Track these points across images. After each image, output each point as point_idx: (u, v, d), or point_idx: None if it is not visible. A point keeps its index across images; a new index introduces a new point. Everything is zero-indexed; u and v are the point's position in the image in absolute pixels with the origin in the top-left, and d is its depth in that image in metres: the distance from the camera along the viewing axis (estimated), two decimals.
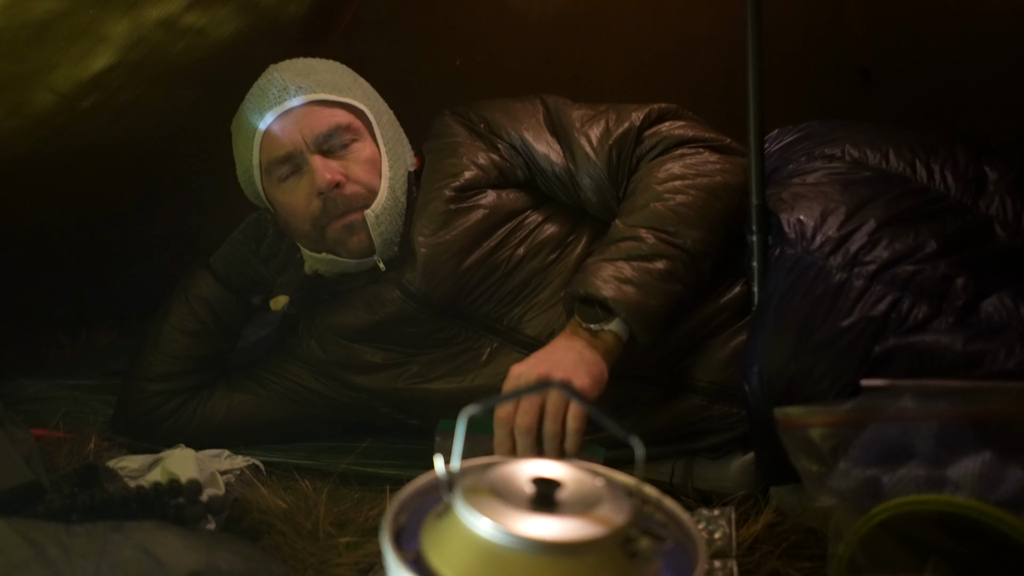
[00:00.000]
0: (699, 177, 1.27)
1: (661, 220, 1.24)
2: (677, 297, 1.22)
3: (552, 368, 1.13)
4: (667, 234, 1.23)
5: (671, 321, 1.23)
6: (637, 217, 1.26)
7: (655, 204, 1.25)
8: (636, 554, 0.69)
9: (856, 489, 0.93)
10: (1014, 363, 0.99)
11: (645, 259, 1.21)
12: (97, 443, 1.41)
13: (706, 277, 1.27)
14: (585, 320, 1.19)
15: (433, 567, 0.68)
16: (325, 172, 1.32)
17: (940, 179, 1.26)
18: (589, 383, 1.13)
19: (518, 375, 1.14)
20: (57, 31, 1.15)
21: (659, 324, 1.20)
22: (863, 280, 1.12)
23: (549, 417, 1.11)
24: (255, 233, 1.47)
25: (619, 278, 1.19)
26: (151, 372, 1.46)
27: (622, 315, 1.18)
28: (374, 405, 1.46)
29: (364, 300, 1.40)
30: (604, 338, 1.18)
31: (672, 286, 1.21)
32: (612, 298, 1.18)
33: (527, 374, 1.14)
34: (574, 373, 1.12)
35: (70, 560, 0.93)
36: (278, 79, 1.37)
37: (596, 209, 1.37)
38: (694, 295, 1.26)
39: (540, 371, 1.13)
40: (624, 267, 1.20)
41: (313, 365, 1.48)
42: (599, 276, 1.20)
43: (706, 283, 1.28)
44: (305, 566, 1.12)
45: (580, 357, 1.14)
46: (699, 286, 1.26)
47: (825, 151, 1.35)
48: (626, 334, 1.20)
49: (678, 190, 1.26)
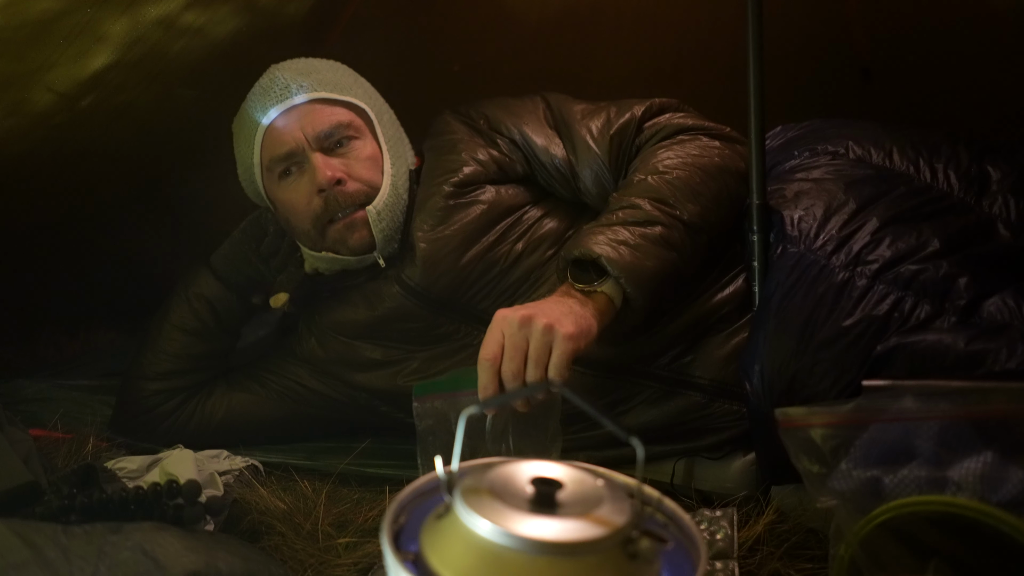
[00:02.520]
0: (698, 158, 1.27)
1: (658, 191, 1.22)
2: (672, 264, 1.19)
3: (538, 313, 1.09)
4: (664, 204, 1.21)
5: (665, 289, 1.20)
6: (634, 189, 1.24)
7: (652, 177, 1.25)
8: (637, 555, 0.69)
9: (857, 490, 0.93)
10: (1016, 363, 0.99)
11: (641, 224, 1.19)
12: (95, 444, 1.41)
13: (701, 253, 1.25)
14: (578, 281, 1.16)
15: (433, 568, 0.68)
16: (326, 169, 1.33)
17: (943, 178, 1.26)
18: (574, 331, 1.08)
19: (503, 317, 1.10)
20: (55, 30, 1.15)
21: (653, 287, 1.17)
22: (866, 279, 1.12)
23: (532, 362, 1.07)
24: (255, 232, 1.47)
25: (614, 240, 1.17)
26: (150, 371, 1.46)
27: (615, 273, 1.15)
28: (374, 404, 1.46)
29: (364, 297, 1.41)
30: (596, 300, 1.15)
31: (668, 252, 1.19)
32: (606, 256, 1.15)
33: (511, 316, 1.09)
34: (559, 320, 1.08)
35: (68, 561, 0.92)
36: (280, 78, 1.37)
37: (596, 201, 1.37)
38: (689, 267, 1.24)
39: (524, 313, 1.09)
40: (620, 231, 1.18)
41: (313, 364, 1.48)
42: (593, 239, 1.17)
43: (701, 258, 1.26)
44: (304, 567, 1.11)
45: (569, 309, 1.11)
46: (694, 259, 1.24)
47: (828, 147, 1.35)
48: (619, 297, 1.16)
49: (676, 167, 1.25)
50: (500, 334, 1.08)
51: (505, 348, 1.08)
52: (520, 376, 1.07)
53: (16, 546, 0.93)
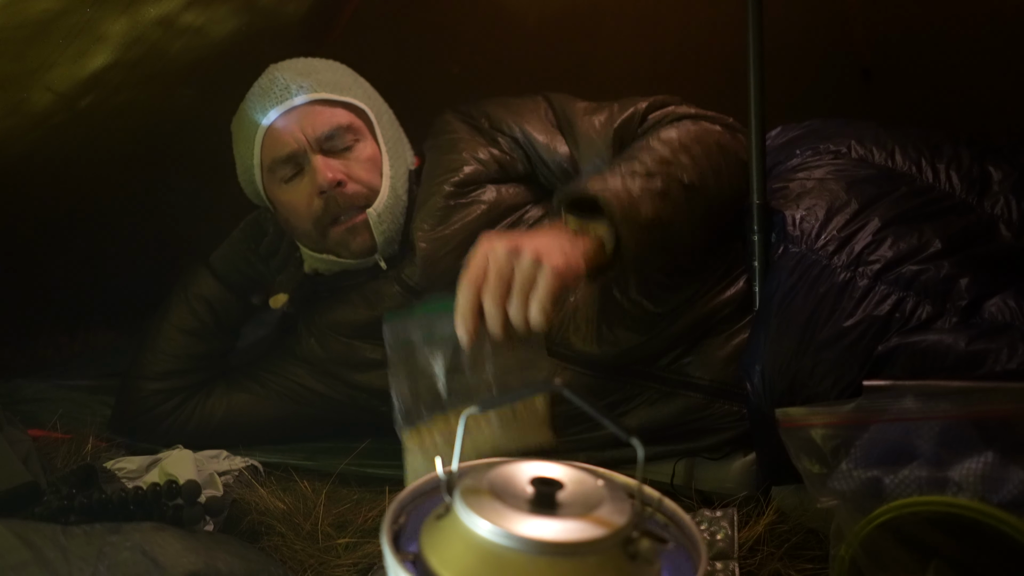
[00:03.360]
0: (700, 135, 1.26)
1: (659, 153, 1.20)
2: (669, 219, 1.15)
3: (527, 243, 1.03)
4: (664, 163, 1.19)
5: (658, 244, 1.16)
6: (635, 150, 1.22)
7: (653, 142, 1.23)
8: (637, 555, 0.68)
9: (858, 490, 0.93)
10: (1017, 363, 0.99)
11: (640, 175, 1.16)
12: (95, 444, 1.41)
13: (698, 221, 1.21)
14: (571, 218, 1.13)
15: (432, 568, 0.68)
16: (327, 171, 1.33)
17: (945, 179, 1.26)
18: (562, 263, 1.03)
19: (490, 243, 1.04)
20: (55, 30, 1.15)
21: (646, 237, 1.13)
22: (867, 279, 1.12)
23: (517, 291, 1.00)
24: (255, 232, 1.47)
25: (613, 185, 1.14)
26: (150, 371, 1.46)
27: (609, 211, 1.10)
28: (373, 403, 1.46)
29: (364, 297, 1.41)
30: (588, 241, 1.10)
31: (665, 205, 1.15)
32: (602, 196, 1.11)
33: (498, 243, 1.03)
34: (548, 254, 1.02)
35: (68, 562, 0.92)
36: (280, 78, 1.37)
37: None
38: (685, 229, 1.19)
39: (513, 241, 1.03)
40: (618, 179, 1.15)
41: (313, 364, 1.47)
42: (591, 181, 1.14)
43: (698, 230, 1.22)
44: (304, 567, 1.11)
45: (558, 241, 1.06)
46: (691, 223, 1.20)
47: (831, 147, 1.35)
48: (611, 242, 1.11)
49: (677, 138, 1.24)
50: (485, 259, 1.02)
51: (489, 274, 1.01)
52: (502, 303, 1.00)
53: (15, 546, 0.93)
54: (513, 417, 1.04)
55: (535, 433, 1.05)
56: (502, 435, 1.04)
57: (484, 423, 1.03)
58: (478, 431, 1.03)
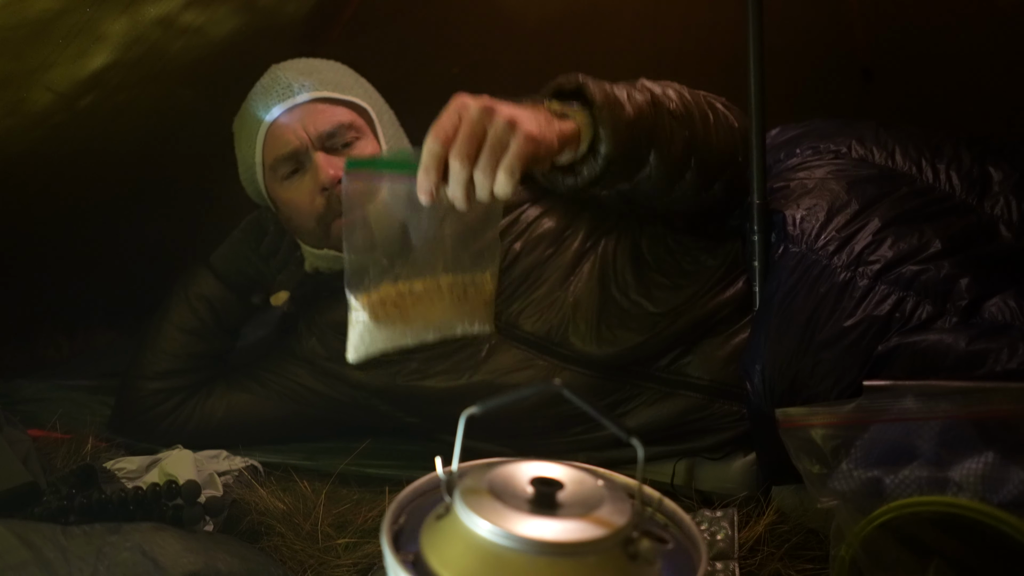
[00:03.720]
0: (688, 88, 1.22)
1: (645, 84, 1.17)
2: (648, 127, 1.11)
3: (500, 104, 0.97)
4: (651, 91, 1.15)
5: (634, 154, 1.11)
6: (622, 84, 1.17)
7: (640, 81, 1.19)
8: (637, 555, 0.68)
9: (858, 490, 0.93)
10: (1017, 363, 0.99)
11: (625, 89, 1.12)
12: (95, 444, 1.41)
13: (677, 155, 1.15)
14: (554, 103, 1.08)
15: (432, 568, 0.68)
16: (329, 168, 1.33)
17: (945, 179, 1.26)
18: (536, 131, 0.97)
19: (462, 102, 0.97)
20: (54, 29, 1.15)
21: (624, 134, 1.07)
22: (867, 279, 1.12)
23: (487, 151, 0.93)
24: (256, 231, 1.47)
25: (599, 84, 1.09)
26: (150, 370, 1.46)
27: (591, 98, 1.06)
28: (373, 403, 1.46)
29: None
30: (566, 124, 1.04)
31: (647, 114, 1.11)
32: (586, 84, 1.07)
33: (471, 102, 0.96)
34: (523, 119, 0.97)
35: (67, 562, 0.92)
36: (282, 77, 1.38)
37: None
38: (664, 152, 1.14)
39: (488, 102, 0.96)
40: (606, 84, 1.11)
41: (314, 363, 1.47)
42: (582, 76, 1.10)
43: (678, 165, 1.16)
44: (304, 567, 1.11)
45: (535, 114, 1.00)
46: (672, 150, 1.14)
47: (831, 146, 1.35)
48: (588, 134, 1.07)
49: (662, 82, 1.21)
50: (457, 117, 0.95)
51: (459, 132, 0.94)
52: (470, 163, 0.93)
53: (15, 546, 0.93)
54: (464, 296, 1.01)
55: (479, 317, 1.02)
56: (452, 311, 1.00)
57: (437, 297, 1.00)
58: (430, 304, 1.00)
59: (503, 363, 1.34)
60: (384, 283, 0.98)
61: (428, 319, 0.99)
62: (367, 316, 0.98)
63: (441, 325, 1.00)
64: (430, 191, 0.93)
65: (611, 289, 1.31)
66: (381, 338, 0.98)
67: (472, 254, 1.01)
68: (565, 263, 1.34)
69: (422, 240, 1.00)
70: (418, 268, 0.98)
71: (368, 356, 0.99)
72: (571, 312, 1.31)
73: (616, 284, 1.32)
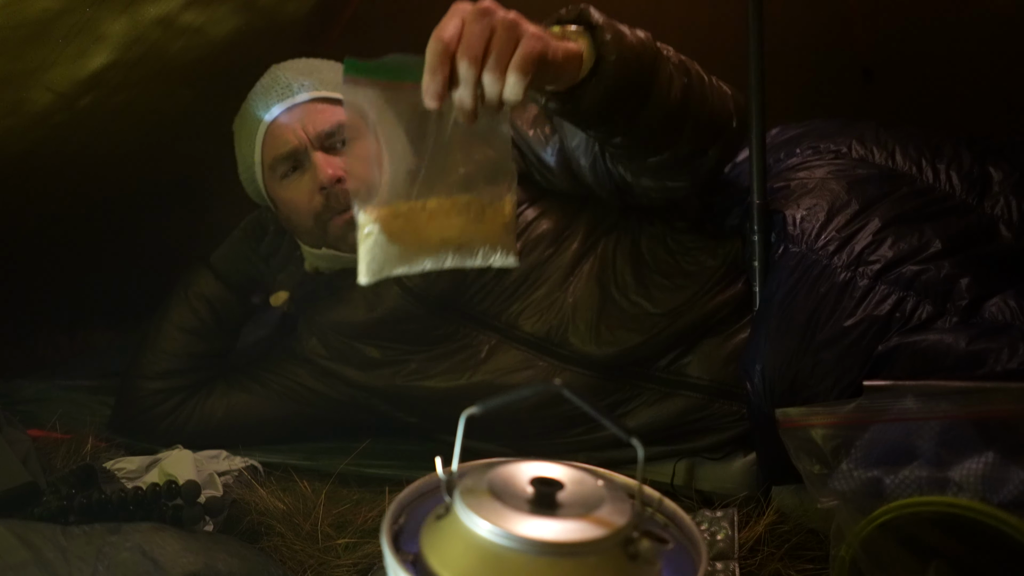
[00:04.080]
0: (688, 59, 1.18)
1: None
2: (649, 62, 1.07)
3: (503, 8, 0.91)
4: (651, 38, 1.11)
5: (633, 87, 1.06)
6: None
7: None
8: (637, 556, 0.68)
9: (858, 490, 0.93)
10: (1017, 363, 0.99)
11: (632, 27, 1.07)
12: (94, 444, 1.41)
13: (674, 105, 1.11)
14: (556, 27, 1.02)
15: (432, 568, 0.68)
16: (327, 167, 1.33)
17: (945, 179, 1.26)
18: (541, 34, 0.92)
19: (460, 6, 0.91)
20: (54, 29, 1.15)
21: (626, 62, 1.03)
22: (867, 279, 1.12)
23: (494, 53, 0.88)
24: (256, 231, 1.48)
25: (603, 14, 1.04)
26: (150, 370, 1.46)
27: (596, 21, 1.02)
28: (373, 403, 1.46)
29: (364, 297, 1.40)
30: (568, 43, 0.99)
31: (651, 51, 1.08)
32: (591, 12, 1.03)
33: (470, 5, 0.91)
34: (526, 22, 0.91)
35: (67, 562, 0.92)
36: (282, 77, 1.38)
37: (592, 180, 1.31)
38: (660, 92, 1.09)
39: (488, 4, 0.91)
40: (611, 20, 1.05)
41: (313, 363, 1.48)
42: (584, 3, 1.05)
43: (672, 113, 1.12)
44: (304, 567, 1.11)
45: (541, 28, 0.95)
46: (668, 91, 1.10)
47: (831, 146, 1.35)
48: (591, 59, 1.01)
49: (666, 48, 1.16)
50: (459, 19, 0.89)
51: (464, 32, 0.88)
52: (478, 64, 0.87)
53: (15, 547, 0.93)
54: (482, 217, 0.92)
55: (502, 243, 0.92)
56: (471, 232, 0.92)
57: (454, 214, 0.91)
58: (446, 221, 0.91)
59: (503, 363, 1.34)
60: (394, 200, 0.90)
61: (445, 238, 0.90)
62: (378, 230, 0.89)
63: (460, 246, 0.91)
64: (438, 93, 0.87)
65: (611, 289, 1.31)
66: (395, 256, 0.89)
67: (486, 177, 0.94)
68: (565, 264, 1.34)
69: (429, 157, 0.92)
70: (429, 186, 0.90)
71: (382, 277, 0.89)
72: (571, 313, 1.31)
73: (616, 284, 1.32)
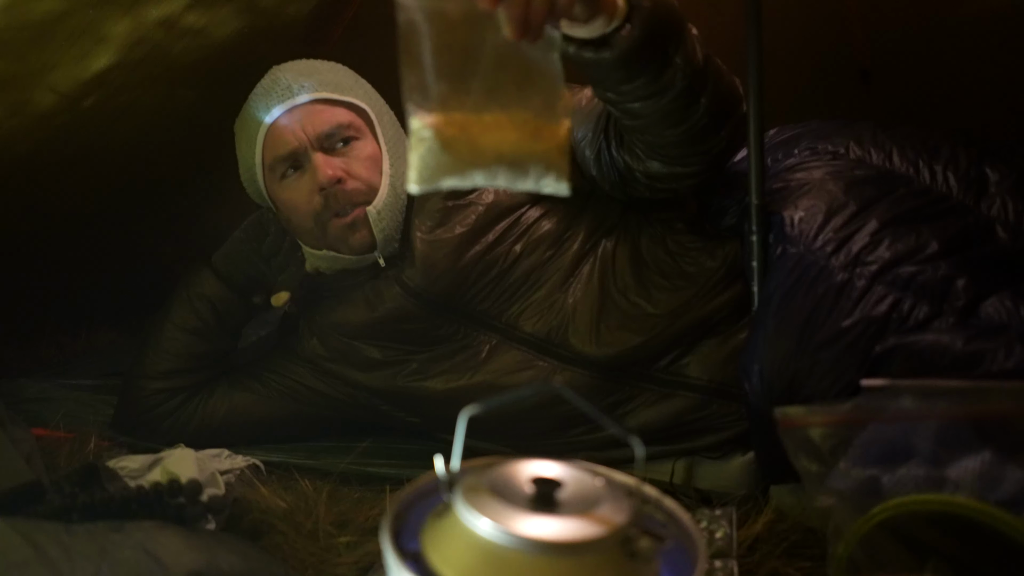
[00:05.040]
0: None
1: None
2: (677, 26, 1.07)
3: None
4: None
5: (664, 39, 1.06)
6: None
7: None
8: (636, 554, 0.69)
9: (856, 489, 0.93)
10: (1014, 362, 0.99)
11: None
12: (97, 443, 1.41)
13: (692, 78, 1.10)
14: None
15: (433, 567, 0.68)
16: (327, 168, 1.34)
17: (942, 180, 1.26)
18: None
19: None
20: (57, 31, 1.15)
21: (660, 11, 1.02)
22: (865, 280, 1.12)
23: None
24: (257, 232, 1.48)
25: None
26: (152, 370, 1.47)
27: None
28: (374, 403, 1.47)
29: (364, 297, 1.41)
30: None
31: (678, 16, 1.08)
32: None
33: None
34: None
35: (70, 560, 0.93)
36: (282, 78, 1.38)
37: (597, 173, 1.30)
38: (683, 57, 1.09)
39: None
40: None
41: (314, 363, 1.48)
42: None
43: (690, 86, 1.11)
44: (305, 566, 1.12)
45: None
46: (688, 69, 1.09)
47: (829, 147, 1.35)
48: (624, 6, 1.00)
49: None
50: None
51: None
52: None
53: (18, 545, 0.93)
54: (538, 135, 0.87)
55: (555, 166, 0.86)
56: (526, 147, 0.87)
57: (509, 128, 0.86)
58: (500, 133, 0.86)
59: (503, 364, 1.34)
60: (448, 108, 0.85)
61: (499, 152, 0.86)
62: (432, 136, 0.84)
63: (513, 162, 0.86)
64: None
65: (611, 290, 1.32)
66: (448, 163, 0.84)
67: (542, 98, 0.89)
68: (565, 265, 1.34)
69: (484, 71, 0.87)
70: (484, 99, 0.86)
71: (433, 184, 0.85)
72: (571, 313, 1.32)
73: (616, 285, 1.32)
